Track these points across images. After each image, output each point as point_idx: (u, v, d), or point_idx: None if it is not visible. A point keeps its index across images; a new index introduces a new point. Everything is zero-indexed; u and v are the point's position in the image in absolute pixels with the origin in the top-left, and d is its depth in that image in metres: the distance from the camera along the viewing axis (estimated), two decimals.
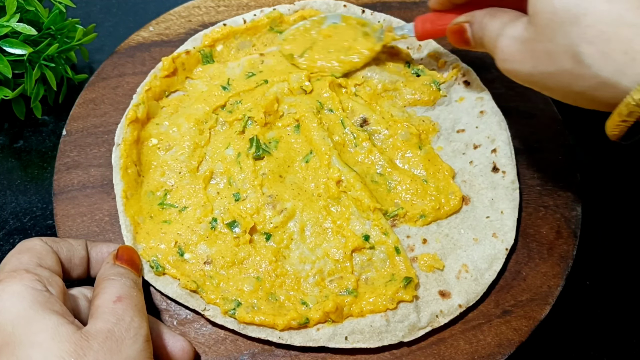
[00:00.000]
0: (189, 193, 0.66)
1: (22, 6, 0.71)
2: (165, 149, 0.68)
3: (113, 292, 0.51)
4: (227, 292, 0.60)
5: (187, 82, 0.74)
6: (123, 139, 0.66)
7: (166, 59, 0.72)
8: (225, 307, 0.59)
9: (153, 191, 0.66)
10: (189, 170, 0.67)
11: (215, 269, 0.62)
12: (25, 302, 0.46)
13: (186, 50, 0.74)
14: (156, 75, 0.72)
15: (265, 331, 0.58)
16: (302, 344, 0.57)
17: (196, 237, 0.63)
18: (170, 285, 0.60)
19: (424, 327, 0.59)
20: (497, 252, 0.62)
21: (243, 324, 0.58)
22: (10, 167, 0.77)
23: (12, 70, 0.68)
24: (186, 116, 0.70)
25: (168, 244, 0.63)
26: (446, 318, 0.59)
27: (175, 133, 0.69)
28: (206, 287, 0.60)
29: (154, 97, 0.71)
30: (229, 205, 0.65)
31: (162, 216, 0.65)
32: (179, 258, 0.62)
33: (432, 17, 0.67)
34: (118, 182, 0.65)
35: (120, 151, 0.66)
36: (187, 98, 0.73)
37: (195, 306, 0.59)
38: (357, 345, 0.57)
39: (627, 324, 0.69)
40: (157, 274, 0.61)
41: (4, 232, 0.73)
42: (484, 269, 0.61)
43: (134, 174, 0.66)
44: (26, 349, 0.44)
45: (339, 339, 0.58)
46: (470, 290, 0.60)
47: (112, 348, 0.46)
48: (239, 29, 0.76)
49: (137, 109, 0.68)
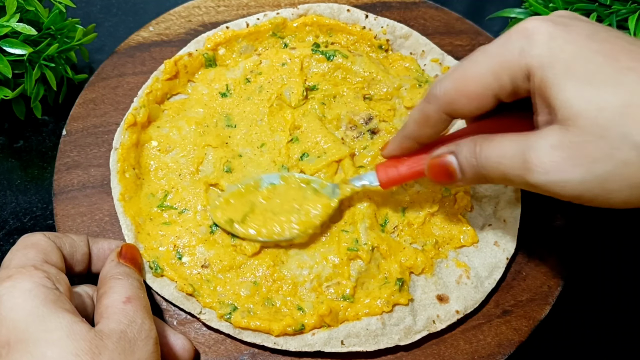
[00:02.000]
0: (189, 195, 0.66)
1: (22, 6, 0.71)
2: (166, 151, 0.68)
3: (122, 292, 0.51)
4: (224, 296, 0.60)
5: (189, 85, 0.74)
6: (121, 143, 0.66)
7: (168, 62, 0.72)
8: (221, 311, 0.59)
9: (153, 193, 0.66)
10: (189, 172, 0.67)
11: (213, 272, 0.61)
12: (38, 299, 0.46)
13: (188, 53, 0.73)
14: (158, 78, 0.71)
15: (260, 336, 0.58)
16: (298, 349, 0.57)
17: (195, 240, 0.63)
18: (167, 287, 0.60)
19: (420, 331, 0.59)
20: (498, 260, 0.62)
21: (238, 329, 0.58)
22: (10, 167, 0.77)
23: (12, 70, 0.68)
24: (187, 119, 0.70)
25: (167, 246, 0.62)
26: (443, 324, 0.59)
27: (175, 136, 0.69)
28: (203, 290, 0.60)
29: (155, 100, 0.71)
30: None
31: (162, 218, 0.65)
32: (177, 261, 0.62)
33: (393, 163, 0.58)
34: (115, 186, 0.65)
35: (118, 155, 0.66)
36: (189, 101, 0.73)
37: (191, 309, 0.59)
38: (353, 348, 0.57)
39: (627, 324, 0.69)
40: (155, 275, 0.61)
41: (4, 232, 0.73)
42: (484, 277, 0.61)
43: (132, 177, 0.66)
44: (41, 347, 0.44)
45: (334, 342, 0.58)
46: (469, 297, 0.60)
47: (126, 349, 0.46)
48: (242, 32, 0.75)
49: (136, 113, 0.68)
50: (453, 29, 0.79)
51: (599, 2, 0.81)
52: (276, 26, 0.76)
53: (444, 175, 0.53)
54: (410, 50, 0.75)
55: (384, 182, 0.59)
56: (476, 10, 0.98)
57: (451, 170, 0.52)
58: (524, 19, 0.89)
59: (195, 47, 0.74)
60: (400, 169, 0.58)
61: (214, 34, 0.75)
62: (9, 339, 0.45)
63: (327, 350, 0.57)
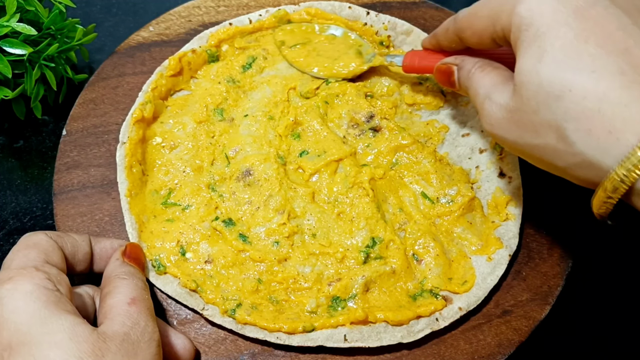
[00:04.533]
0: (192, 192, 0.66)
1: (22, 6, 0.71)
2: (170, 147, 0.69)
3: (126, 293, 0.51)
4: (227, 292, 0.60)
5: (192, 82, 0.75)
6: (129, 138, 0.67)
7: (173, 58, 0.72)
8: (225, 306, 0.59)
9: (157, 190, 0.66)
10: (193, 169, 0.67)
11: (216, 268, 0.62)
12: (39, 302, 0.46)
13: (192, 49, 0.74)
14: (162, 74, 0.72)
15: (263, 332, 0.58)
16: (300, 344, 0.57)
17: (198, 236, 0.63)
18: (170, 284, 0.60)
19: (423, 329, 0.59)
20: (501, 257, 0.62)
21: (241, 324, 0.58)
22: (10, 167, 0.77)
23: (12, 70, 0.68)
24: (191, 115, 0.70)
25: (170, 243, 0.63)
26: (446, 321, 0.59)
27: (180, 132, 0.69)
28: (206, 286, 0.60)
29: (159, 96, 0.72)
30: None
31: (165, 215, 0.65)
32: (180, 257, 0.62)
33: (422, 54, 0.66)
34: (123, 181, 0.65)
35: (126, 150, 0.66)
36: (192, 97, 0.73)
37: (194, 305, 0.59)
38: (356, 344, 0.57)
39: (627, 324, 0.69)
40: (158, 273, 0.61)
41: (4, 232, 0.73)
42: (487, 273, 0.61)
43: (138, 173, 0.66)
44: (44, 350, 0.44)
45: (337, 338, 0.57)
46: (471, 293, 0.60)
47: (129, 351, 0.46)
48: (246, 28, 0.76)
49: (143, 108, 0.68)
50: None
51: None
52: (280, 19, 0.76)
53: (446, 82, 0.61)
54: (412, 46, 0.76)
55: (406, 65, 0.68)
56: None
57: (452, 80, 0.59)
58: None
59: (199, 44, 0.75)
60: (421, 61, 0.66)
61: (217, 30, 0.75)
62: (10, 341, 0.44)
63: (329, 346, 0.57)
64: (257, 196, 0.66)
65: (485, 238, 0.64)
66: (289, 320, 0.58)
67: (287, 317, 0.58)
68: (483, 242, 0.63)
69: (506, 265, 0.62)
